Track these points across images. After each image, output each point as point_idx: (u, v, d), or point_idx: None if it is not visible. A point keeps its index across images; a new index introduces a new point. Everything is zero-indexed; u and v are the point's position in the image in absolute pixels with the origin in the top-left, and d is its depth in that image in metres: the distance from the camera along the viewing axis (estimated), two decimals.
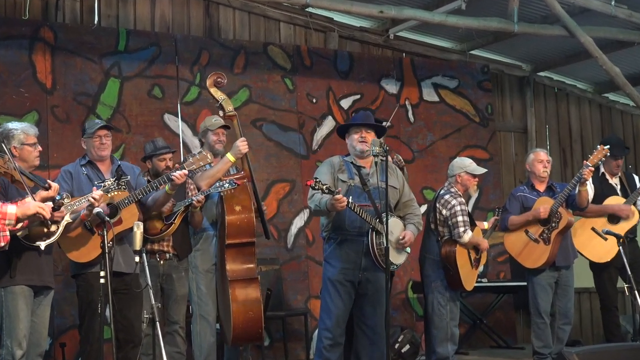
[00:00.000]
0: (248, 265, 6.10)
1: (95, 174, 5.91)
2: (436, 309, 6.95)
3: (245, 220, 6.10)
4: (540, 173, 7.44)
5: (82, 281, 5.78)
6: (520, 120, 10.65)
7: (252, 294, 6.06)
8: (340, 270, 6.09)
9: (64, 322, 7.50)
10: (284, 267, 8.61)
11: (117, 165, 6.01)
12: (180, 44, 8.51)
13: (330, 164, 6.26)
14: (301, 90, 9.06)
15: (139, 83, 8.26)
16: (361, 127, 6.23)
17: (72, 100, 7.93)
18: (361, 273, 6.10)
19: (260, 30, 9.16)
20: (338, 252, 6.11)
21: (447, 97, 9.93)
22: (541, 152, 7.56)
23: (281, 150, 8.84)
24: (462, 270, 6.87)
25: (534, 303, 7.35)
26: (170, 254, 6.49)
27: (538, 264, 7.26)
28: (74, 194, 5.62)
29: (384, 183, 5.96)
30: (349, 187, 6.11)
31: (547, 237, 7.24)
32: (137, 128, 8.16)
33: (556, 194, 7.34)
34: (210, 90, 6.33)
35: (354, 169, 6.20)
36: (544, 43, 9.90)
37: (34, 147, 5.44)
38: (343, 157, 6.31)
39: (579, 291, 9.96)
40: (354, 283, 6.12)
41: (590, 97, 11.19)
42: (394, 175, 6.30)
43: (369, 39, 9.75)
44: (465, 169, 7.11)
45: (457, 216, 6.86)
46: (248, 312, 6.01)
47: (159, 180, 5.76)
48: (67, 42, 7.97)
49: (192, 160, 5.81)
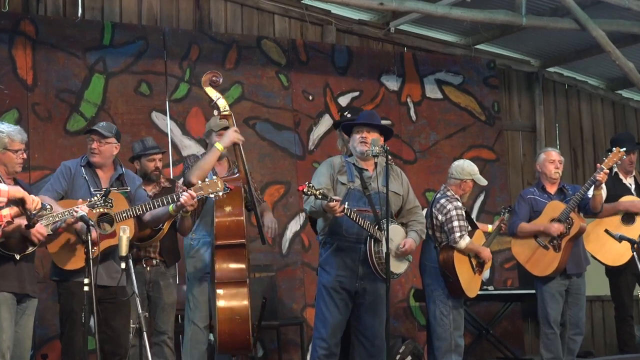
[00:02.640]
0: (237, 267, 6.10)
1: (93, 179, 5.86)
2: (438, 318, 6.97)
3: (235, 221, 6.11)
4: (552, 174, 7.43)
5: (63, 289, 5.77)
6: (528, 119, 10.68)
7: (239, 297, 6.05)
8: (336, 278, 6.09)
9: (46, 332, 7.51)
10: (279, 274, 8.62)
11: (119, 174, 5.94)
12: (168, 37, 8.52)
13: (330, 164, 6.24)
14: (297, 87, 9.08)
15: (125, 79, 8.27)
16: (363, 127, 6.21)
17: (54, 97, 7.94)
18: (358, 282, 6.10)
19: (253, 24, 9.18)
20: (334, 258, 6.11)
21: (451, 94, 9.95)
22: (553, 152, 7.55)
23: (275, 151, 8.86)
24: (462, 277, 6.88)
25: (543, 312, 7.36)
26: (157, 260, 6.50)
27: (547, 272, 7.27)
28: (67, 196, 5.64)
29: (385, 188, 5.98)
30: (349, 190, 6.10)
31: (557, 243, 7.24)
32: (123, 127, 8.15)
33: (567, 196, 7.35)
34: (206, 89, 6.37)
35: (355, 171, 6.18)
36: (553, 37, 9.93)
37: (17, 154, 5.42)
38: (345, 157, 6.30)
39: (591, 299, 9.99)
40: (351, 292, 6.11)
41: (603, 94, 11.21)
42: (398, 180, 6.29)
43: (368, 32, 9.77)
44: (473, 176, 7.13)
45: (452, 221, 6.88)
46: (234, 316, 6.02)
47: (165, 199, 5.74)
48: (49, 36, 7.99)
49: (201, 185, 5.78)
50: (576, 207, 7.25)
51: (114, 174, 5.94)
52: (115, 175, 5.93)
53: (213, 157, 6.23)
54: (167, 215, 5.89)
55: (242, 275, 6.10)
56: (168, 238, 6.51)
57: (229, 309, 6.01)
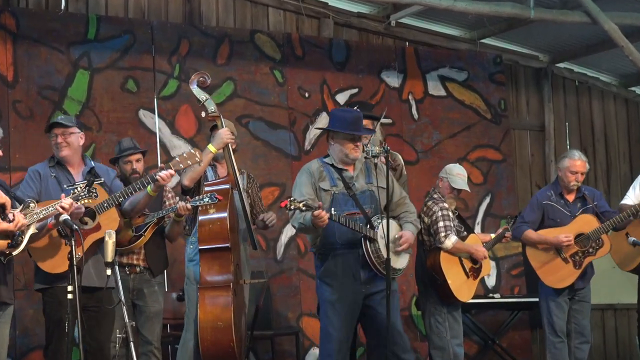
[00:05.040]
0: (221, 272, 6.14)
1: (65, 176, 5.87)
2: (433, 326, 6.96)
3: (218, 223, 6.15)
4: (570, 186, 7.39)
5: (49, 297, 5.75)
6: (536, 117, 10.70)
7: (223, 303, 6.08)
8: (337, 288, 6.08)
9: (27, 342, 7.51)
10: (273, 281, 8.64)
11: (90, 168, 5.97)
12: (157, 31, 8.54)
13: (308, 172, 6.19)
14: (292, 84, 9.09)
15: (110, 75, 8.29)
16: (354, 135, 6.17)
17: (37, 94, 7.96)
18: (364, 287, 6.12)
19: (246, 16, 9.20)
20: (332, 268, 6.10)
21: (455, 91, 9.98)
22: (578, 161, 7.38)
23: (270, 151, 8.88)
24: (451, 280, 6.84)
25: (548, 321, 7.38)
26: (141, 267, 6.52)
27: (560, 285, 7.28)
28: (41, 199, 5.65)
29: (371, 185, 6.07)
30: (333, 195, 6.10)
31: (579, 260, 7.27)
32: (109, 126, 8.19)
33: (588, 203, 7.35)
34: (193, 90, 6.45)
35: (335, 173, 6.18)
36: (563, 30, 9.95)
37: None
38: (322, 160, 6.27)
39: (603, 308, 10.02)
40: (357, 300, 6.11)
41: (615, 91, 11.24)
42: (380, 174, 6.27)
43: (367, 26, 9.79)
44: (449, 176, 7.13)
45: (437, 222, 6.90)
46: (217, 323, 6.04)
47: (142, 182, 5.77)
48: (30, 30, 8.00)
49: (179, 159, 5.83)
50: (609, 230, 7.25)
51: (85, 168, 5.95)
52: (87, 169, 5.93)
53: (206, 160, 6.32)
54: (146, 197, 5.91)
55: (226, 280, 6.14)
56: (155, 245, 6.53)
57: (212, 315, 6.04)
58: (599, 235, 7.22)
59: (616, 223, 7.21)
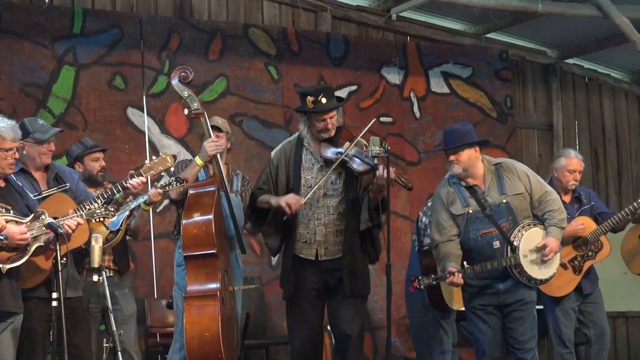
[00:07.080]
0: (207, 280, 6.13)
1: (30, 183, 5.66)
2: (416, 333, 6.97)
3: (203, 228, 6.13)
4: (568, 185, 7.38)
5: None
6: (544, 116, 10.72)
7: (209, 313, 6.08)
8: (476, 296, 6.24)
9: None
10: (267, 288, 8.64)
11: (55, 174, 5.76)
12: (146, 25, 8.54)
13: (439, 198, 6.30)
14: (288, 80, 9.10)
15: (97, 72, 8.29)
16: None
17: (19, 91, 7.96)
18: (502, 297, 6.23)
19: (239, 10, 9.20)
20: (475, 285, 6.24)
21: (458, 89, 9.99)
22: (574, 159, 7.40)
23: (264, 150, 8.87)
24: (444, 286, 6.77)
25: (556, 331, 7.37)
26: (110, 270, 6.49)
27: (561, 293, 7.26)
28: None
29: (506, 196, 6.12)
30: (467, 216, 6.15)
31: (578, 265, 7.25)
32: (96, 124, 8.19)
33: (584, 205, 7.36)
34: (174, 86, 6.45)
35: (466, 191, 6.20)
36: (572, 25, 9.96)
37: (6, 153, 5.36)
38: (451, 180, 6.28)
39: (614, 316, 10.01)
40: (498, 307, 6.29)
41: (627, 88, 11.25)
42: (511, 179, 6.25)
43: (367, 20, 9.80)
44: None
45: None
46: (203, 333, 6.04)
47: (112, 189, 5.71)
48: (13, 24, 8.00)
49: (150, 164, 5.77)
50: (608, 232, 7.26)
51: (50, 173, 5.75)
52: (52, 175, 5.74)
53: (193, 172, 6.34)
54: (115, 203, 5.87)
55: (213, 288, 6.12)
56: (121, 243, 6.50)
57: (198, 326, 6.04)
58: (598, 237, 7.22)
59: (614, 224, 7.21)
